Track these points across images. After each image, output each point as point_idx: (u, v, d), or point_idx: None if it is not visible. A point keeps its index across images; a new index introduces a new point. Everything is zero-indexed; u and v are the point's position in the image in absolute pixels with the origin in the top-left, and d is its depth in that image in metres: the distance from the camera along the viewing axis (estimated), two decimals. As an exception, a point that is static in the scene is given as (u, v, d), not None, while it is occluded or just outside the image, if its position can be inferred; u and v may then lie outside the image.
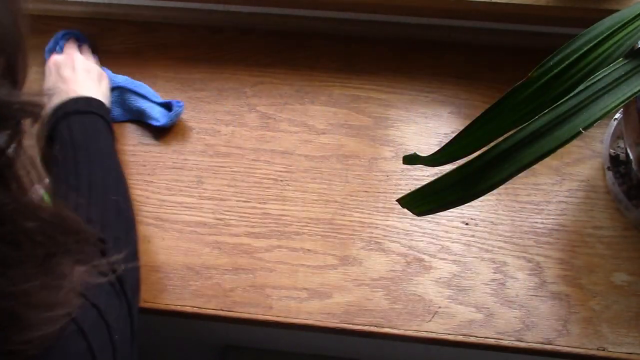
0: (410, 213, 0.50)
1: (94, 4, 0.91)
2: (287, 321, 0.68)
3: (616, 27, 0.47)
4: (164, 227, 0.74)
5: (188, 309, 0.69)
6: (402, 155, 0.77)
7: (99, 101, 0.74)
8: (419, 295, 0.69)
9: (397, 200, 0.50)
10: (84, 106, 0.71)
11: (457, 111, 0.82)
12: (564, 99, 0.44)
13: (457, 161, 0.48)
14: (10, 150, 0.39)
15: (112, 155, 0.72)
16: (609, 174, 0.74)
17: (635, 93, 0.45)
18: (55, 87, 0.73)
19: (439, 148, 0.48)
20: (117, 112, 0.82)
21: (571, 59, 0.46)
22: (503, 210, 0.74)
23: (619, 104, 0.44)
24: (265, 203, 0.76)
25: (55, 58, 0.79)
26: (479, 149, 0.47)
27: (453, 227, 0.73)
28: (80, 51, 0.83)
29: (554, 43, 0.52)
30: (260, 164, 0.79)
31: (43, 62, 0.88)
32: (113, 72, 0.85)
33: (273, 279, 0.71)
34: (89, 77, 0.76)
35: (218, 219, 0.75)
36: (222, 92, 0.85)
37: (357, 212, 0.75)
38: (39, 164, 0.68)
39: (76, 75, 0.75)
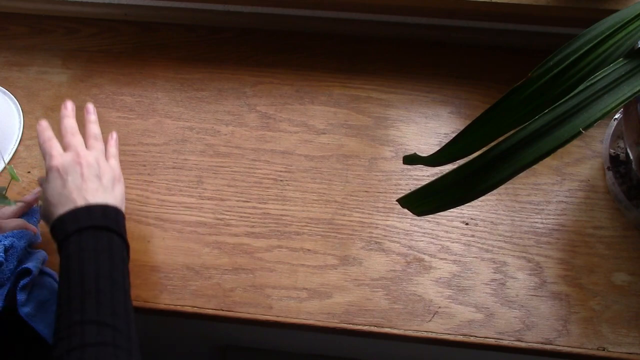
0: (410, 213, 0.50)
1: (94, 4, 0.91)
2: (287, 321, 0.68)
3: (616, 27, 0.47)
4: (164, 227, 0.74)
5: (188, 309, 0.69)
6: (402, 155, 0.78)
7: (116, 209, 0.64)
8: (419, 295, 0.69)
9: (397, 200, 0.50)
10: (99, 220, 0.62)
11: (457, 111, 0.82)
12: (564, 99, 0.44)
13: (457, 161, 0.48)
14: None
15: (126, 292, 0.60)
16: (609, 174, 0.74)
17: (635, 93, 0.45)
18: (60, 197, 0.63)
19: (439, 148, 0.48)
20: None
21: (571, 59, 0.46)
22: (503, 210, 0.74)
23: (619, 104, 0.44)
24: (265, 203, 0.76)
25: (61, 162, 0.65)
26: (479, 149, 0.47)
27: (453, 227, 0.73)
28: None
29: (554, 43, 0.52)
30: (260, 164, 0.79)
31: (43, 62, 0.89)
32: (114, 73, 0.84)
33: (273, 279, 0.71)
34: (100, 184, 0.65)
35: (218, 219, 0.75)
36: (222, 92, 0.85)
37: (357, 212, 0.75)
38: None
39: (86, 183, 0.64)
